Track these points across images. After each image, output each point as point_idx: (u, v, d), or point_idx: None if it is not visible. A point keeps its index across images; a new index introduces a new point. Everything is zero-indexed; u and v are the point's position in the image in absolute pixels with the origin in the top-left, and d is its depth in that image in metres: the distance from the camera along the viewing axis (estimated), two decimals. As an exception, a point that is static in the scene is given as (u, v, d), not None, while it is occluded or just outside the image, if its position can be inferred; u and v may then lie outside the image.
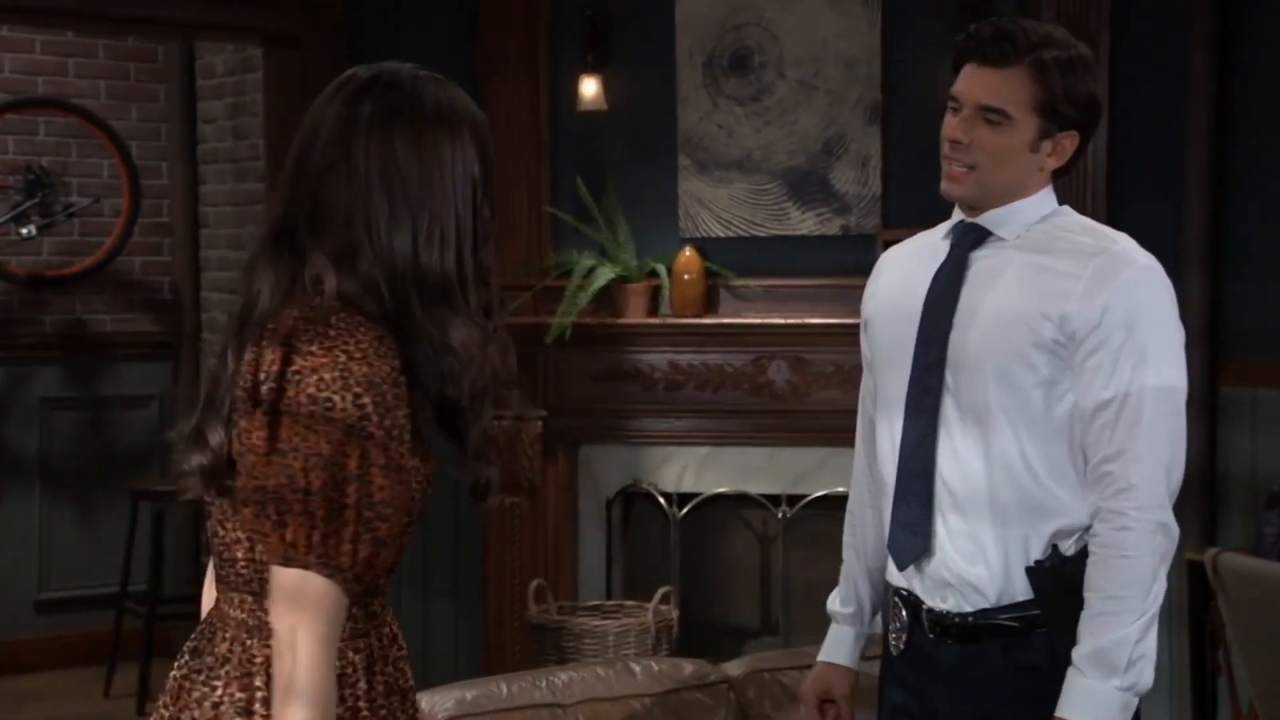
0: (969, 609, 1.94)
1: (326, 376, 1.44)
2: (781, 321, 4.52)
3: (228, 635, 1.54)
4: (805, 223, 4.59)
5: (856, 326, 4.44)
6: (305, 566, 1.44)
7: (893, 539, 2.00)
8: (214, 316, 5.64)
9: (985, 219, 2.00)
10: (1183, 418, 1.93)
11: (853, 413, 2.21)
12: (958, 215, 2.06)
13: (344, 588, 1.46)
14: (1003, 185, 1.97)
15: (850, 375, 4.45)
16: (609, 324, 4.60)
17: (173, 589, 5.46)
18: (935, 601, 1.97)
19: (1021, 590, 1.93)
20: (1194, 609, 3.79)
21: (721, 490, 4.68)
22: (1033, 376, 1.92)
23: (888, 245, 4.39)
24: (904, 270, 2.09)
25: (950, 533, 1.96)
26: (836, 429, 4.80)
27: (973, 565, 1.94)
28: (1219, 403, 4.13)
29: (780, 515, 4.63)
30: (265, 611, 1.50)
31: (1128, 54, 4.32)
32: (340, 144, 1.51)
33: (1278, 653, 3.32)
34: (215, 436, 1.51)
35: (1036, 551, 1.93)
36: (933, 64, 4.47)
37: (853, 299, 4.65)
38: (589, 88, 4.63)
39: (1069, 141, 1.98)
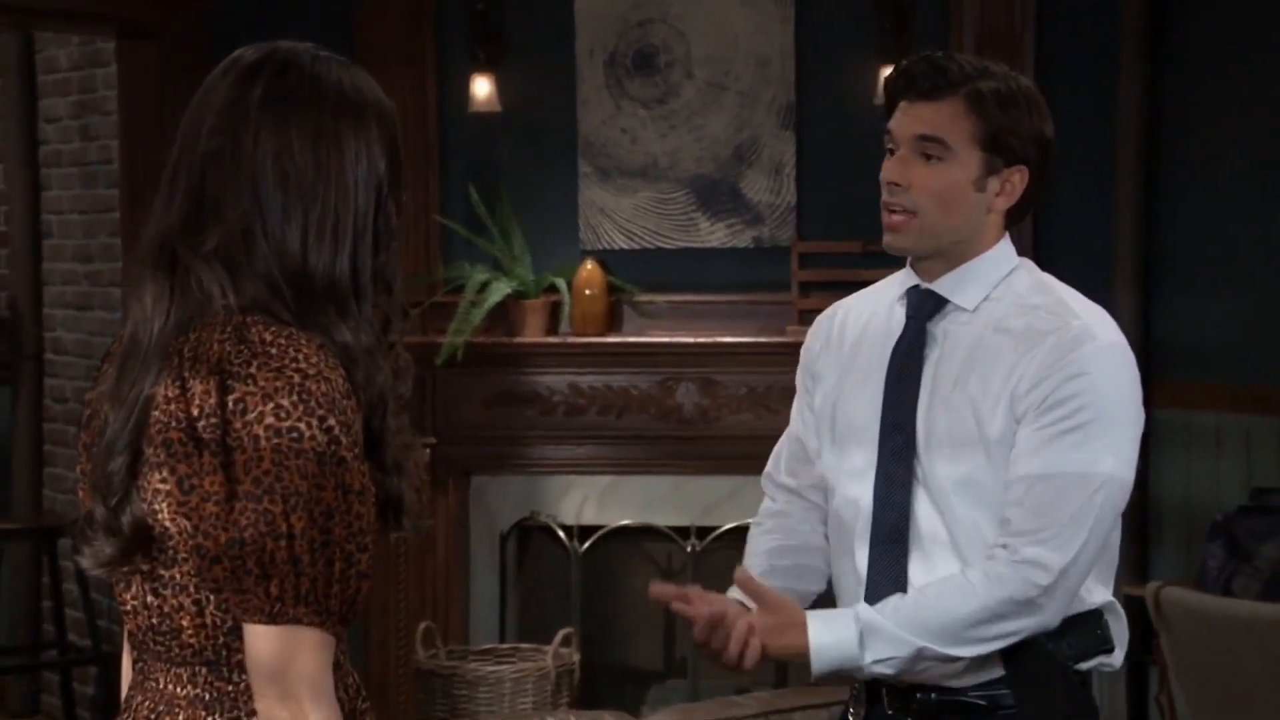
0: (933, 684, 1.96)
1: (284, 403, 1.39)
2: (690, 340, 4.53)
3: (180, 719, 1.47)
4: (715, 234, 4.61)
5: (771, 346, 4.53)
6: (296, 620, 1.39)
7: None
8: (59, 336, 5.53)
9: (942, 285, 2.00)
10: (1116, 515, 1.92)
11: (766, 438, 2.22)
12: (909, 274, 2.04)
13: (333, 633, 1.42)
14: (951, 232, 1.97)
15: (764, 398, 4.49)
16: (504, 344, 4.59)
17: (8, 638, 5.33)
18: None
19: (991, 665, 1.95)
20: (1133, 648, 3.84)
21: (626, 523, 4.68)
22: (999, 472, 1.93)
23: (802, 258, 4.56)
24: (860, 336, 2.07)
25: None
26: (749, 456, 4.78)
27: None
28: (1150, 426, 4.17)
29: (689, 549, 4.64)
30: (226, 681, 1.46)
31: (1054, 59, 4.40)
32: (227, 130, 1.47)
33: (1226, 694, 3.36)
34: (125, 505, 1.45)
35: None
36: (848, 62, 4.53)
37: (767, 315, 4.81)
38: (481, 87, 4.61)
39: (1018, 178, 1.98)
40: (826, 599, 2.12)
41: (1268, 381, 4.10)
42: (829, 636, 1.89)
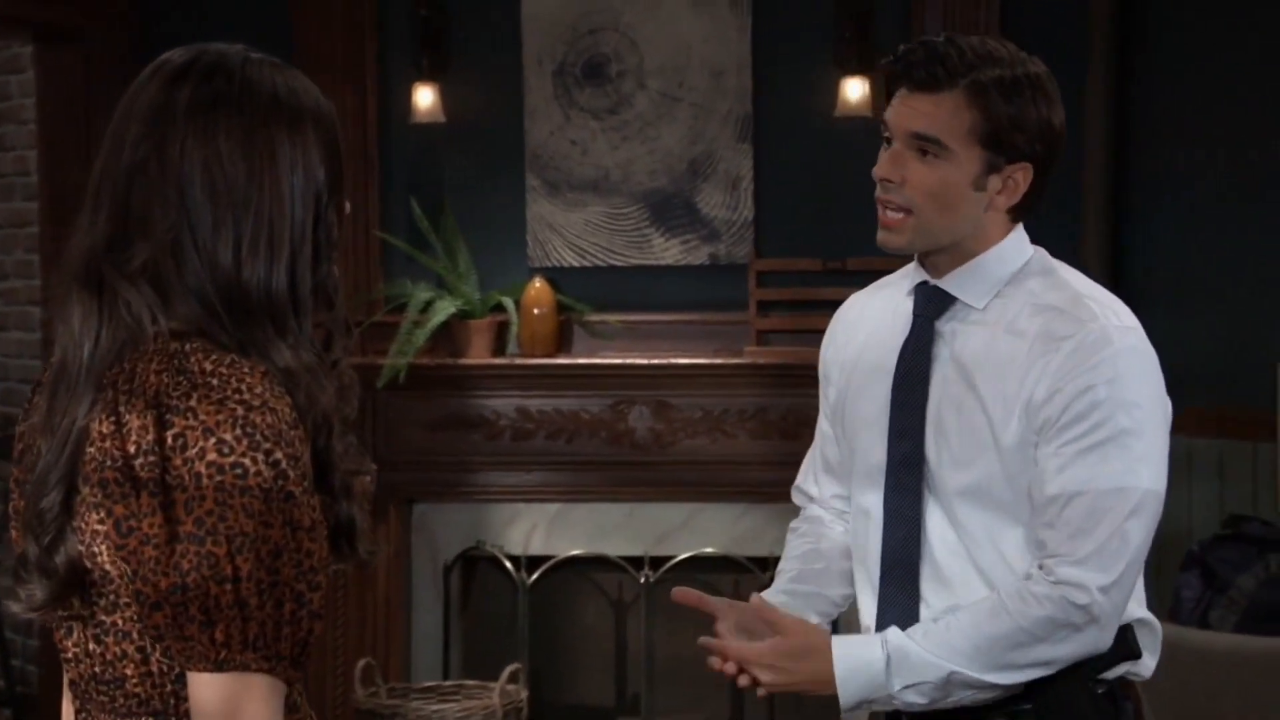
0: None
1: (227, 437, 1.36)
2: (643, 362, 4.53)
3: None
4: (669, 251, 4.62)
5: (727, 367, 4.53)
6: (244, 667, 1.37)
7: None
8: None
9: (950, 282, 1.98)
10: (1148, 527, 1.89)
11: (723, 463, 2.22)
12: (918, 268, 2.02)
13: (284, 678, 1.39)
14: (947, 232, 1.94)
15: (721, 422, 4.51)
16: (448, 365, 4.57)
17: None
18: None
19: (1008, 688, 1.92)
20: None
21: (576, 552, 4.67)
22: (1009, 483, 1.92)
23: (760, 276, 4.56)
24: (869, 334, 2.06)
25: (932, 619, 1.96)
26: (705, 482, 4.86)
27: None
28: (1119, 450, 4.20)
29: (642, 579, 4.63)
30: None
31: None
32: (152, 137, 1.44)
33: (1203, 731, 3.39)
34: (59, 545, 1.41)
35: None
36: (807, 72, 4.54)
37: (723, 335, 4.81)
38: (424, 97, 4.60)
39: (1021, 175, 1.94)
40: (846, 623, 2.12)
41: (1241, 403, 4.12)
42: (855, 661, 1.85)
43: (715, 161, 4.58)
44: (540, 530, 4.66)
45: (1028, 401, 1.90)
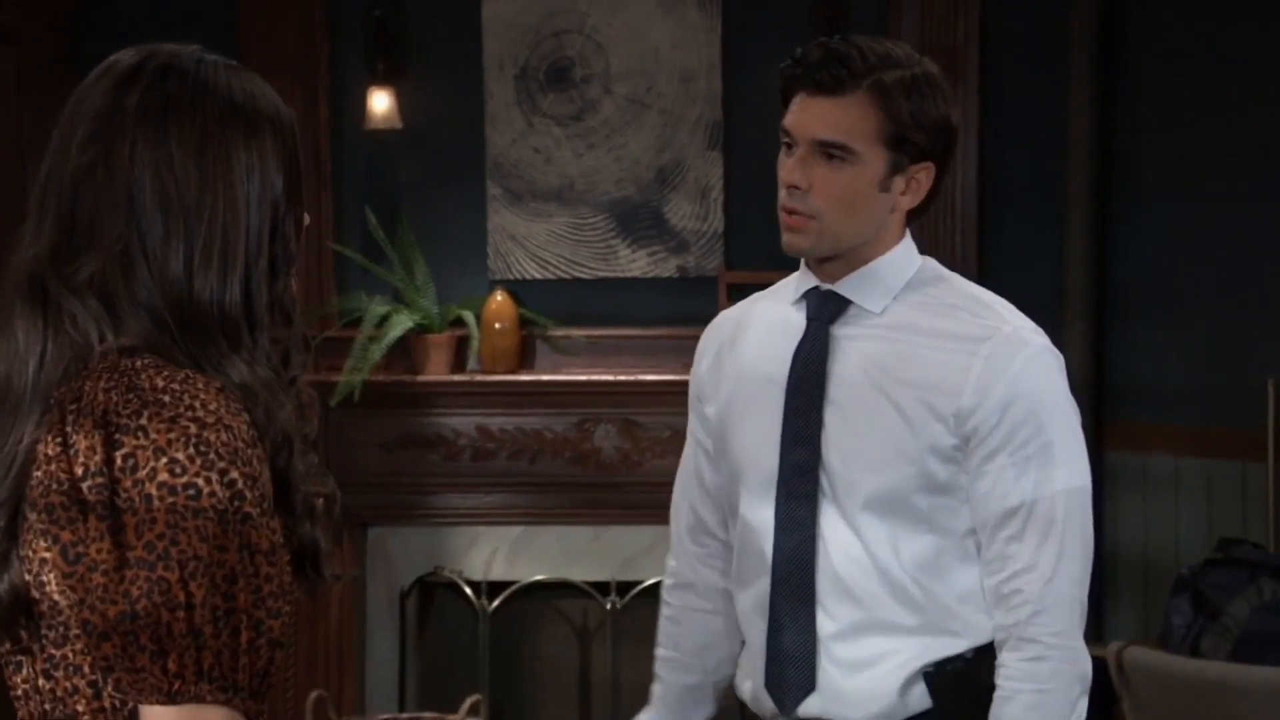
0: None
1: (180, 457, 1.35)
2: (610, 379, 4.53)
3: None
4: (636, 263, 4.62)
5: None
6: (198, 699, 1.35)
7: (771, 673, 2.02)
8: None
9: (844, 287, 2.00)
10: (1090, 519, 1.99)
11: None
12: (806, 275, 2.05)
13: (242, 710, 1.37)
14: (853, 236, 1.98)
15: None
16: (405, 382, 4.56)
17: None
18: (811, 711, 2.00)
19: (916, 702, 1.98)
20: (1093, 713, 3.84)
21: (539, 578, 4.66)
22: (926, 488, 1.96)
23: (731, 289, 4.57)
24: (755, 345, 2.07)
25: (834, 644, 2.00)
26: (674, 504, 4.84)
27: (859, 676, 1.99)
28: (1105, 470, 4.24)
29: (608, 606, 4.62)
30: None
31: (999, 74, 4.45)
32: (100, 141, 1.43)
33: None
34: (3, 572, 1.40)
35: (933, 656, 1.98)
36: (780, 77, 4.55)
37: (692, 351, 4.71)
38: (379, 102, 4.58)
39: (924, 175, 1.99)
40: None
41: (1230, 423, 4.14)
42: None
43: (684, 170, 4.59)
44: (501, 555, 4.65)
45: (956, 410, 1.94)
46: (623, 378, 4.52)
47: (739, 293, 4.48)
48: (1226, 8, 4.22)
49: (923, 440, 1.95)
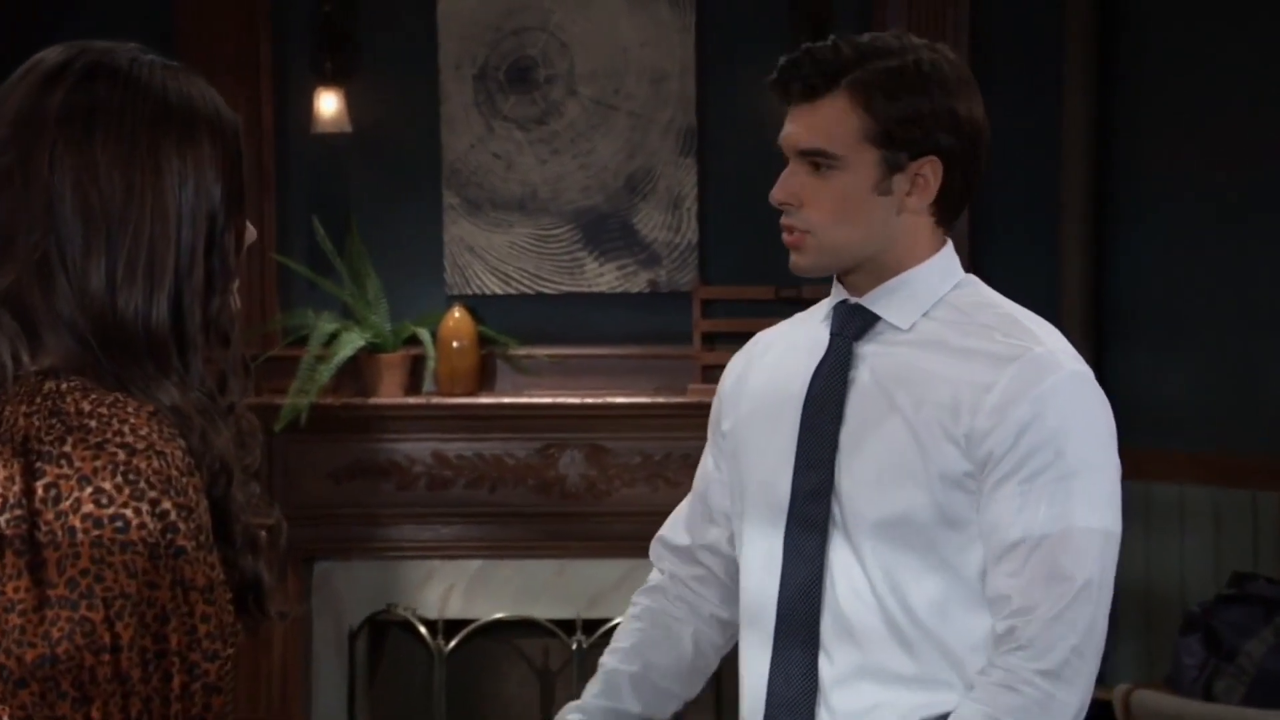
0: None
1: (106, 486, 1.34)
2: (575, 401, 4.53)
3: None
4: (604, 277, 4.61)
5: (669, 407, 4.52)
6: None
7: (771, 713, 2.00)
8: None
9: (872, 300, 1.99)
10: (1111, 569, 1.91)
11: (665, 515, 2.22)
12: (837, 288, 2.04)
13: None
14: (857, 245, 1.96)
15: (662, 468, 4.52)
16: (355, 405, 4.56)
17: None
18: None
19: None
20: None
21: (499, 616, 4.66)
22: (937, 520, 1.92)
23: (706, 305, 4.57)
24: (779, 360, 2.07)
25: (832, 691, 1.96)
26: (645, 536, 4.74)
27: None
28: (1104, 498, 4.21)
29: (573, 646, 4.61)
30: None
31: (989, 74, 4.43)
32: (18, 145, 1.43)
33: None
34: None
35: (930, 713, 1.93)
36: (759, 79, 4.52)
37: (665, 371, 4.83)
38: (328, 104, 4.58)
39: (930, 169, 1.95)
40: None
41: (1239, 447, 4.14)
42: None
43: (655, 177, 4.59)
44: (459, 591, 4.63)
45: (969, 431, 1.90)
46: (589, 400, 4.52)
47: (714, 309, 4.52)
48: (1229, 3, 4.23)
49: (933, 464, 1.91)
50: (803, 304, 1.93)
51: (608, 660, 2.16)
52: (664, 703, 2.15)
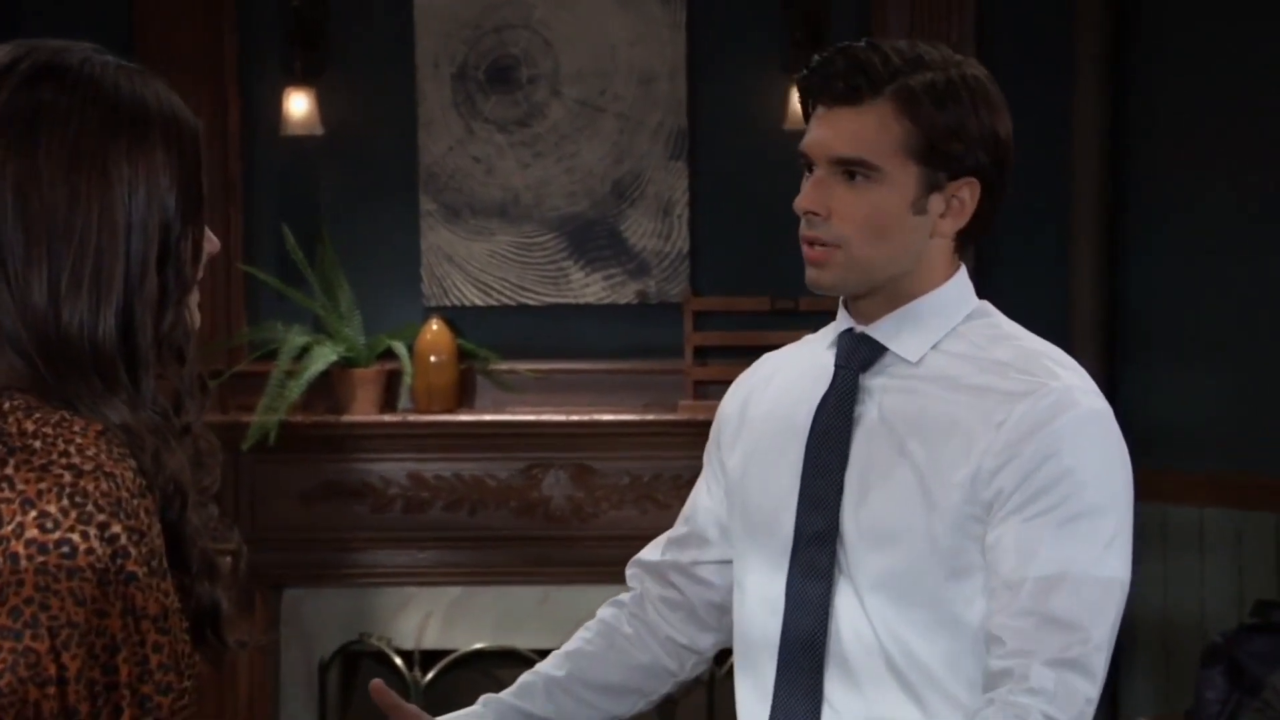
0: None
1: (52, 509, 1.34)
2: (560, 419, 4.52)
3: None
4: (590, 288, 4.60)
5: (659, 425, 4.51)
6: None
7: None
8: None
9: (880, 330, 1.96)
10: (1117, 622, 1.88)
11: (654, 538, 2.18)
12: (843, 314, 2.02)
13: None
14: (886, 265, 1.94)
15: (651, 489, 4.51)
16: (327, 423, 4.55)
17: None
18: None
19: None
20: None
21: (479, 646, 4.65)
22: (943, 571, 1.90)
23: (698, 317, 4.57)
24: (781, 390, 2.04)
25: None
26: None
27: None
28: (1118, 521, 4.20)
29: (558, 678, 4.56)
30: None
31: (996, 75, 4.36)
32: None
33: None
34: None
35: None
36: (752, 79, 4.56)
37: (654, 388, 4.84)
38: (297, 104, 4.58)
39: (967, 192, 1.94)
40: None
41: (1261, 469, 4.13)
42: None
43: (644, 183, 4.58)
44: (437, 620, 4.63)
45: (975, 472, 1.88)
46: (575, 418, 4.51)
47: (706, 321, 4.51)
48: (1249, 3, 4.22)
49: (937, 512, 1.89)
50: (800, 317, 1.91)
51: (540, 663, 2.17)
52: (582, 713, 2.13)
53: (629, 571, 2.19)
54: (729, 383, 5.16)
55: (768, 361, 2.11)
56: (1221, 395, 4.22)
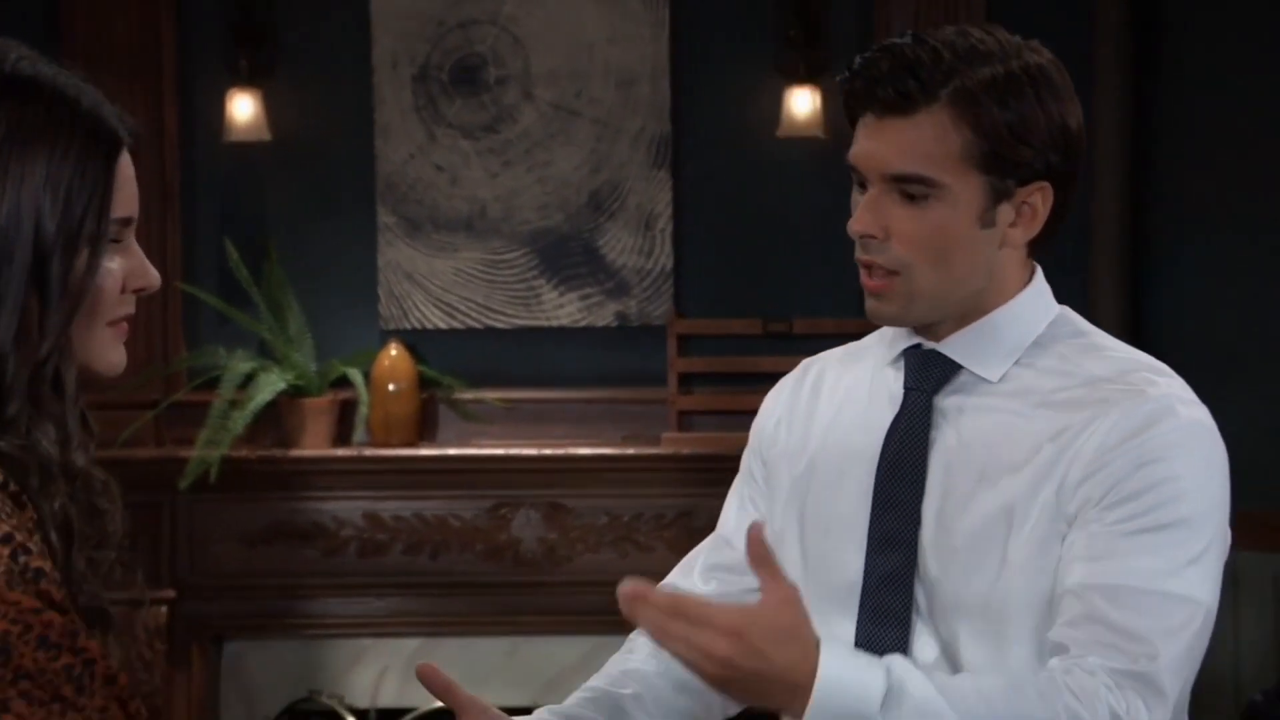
0: None
1: None
2: (532, 453, 4.50)
3: None
4: (565, 309, 4.58)
5: (640, 460, 4.44)
6: None
7: None
8: None
9: (953, 347, 1.92)
10: (1196, 648, 1.82)
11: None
12: (903, 330, 1.98)
13: None
14: (955, 287, 1.89)
15: (632, 530, 4.48)
16: (275, 458, 4.51)
17: None
18: None
19: None
20: None
21: (441, 704, 4.54)
22: (1036, 605, 1.85)
23: (682, 341, 4.52)
24: (838, 411, 2.00)
25: None
26: (610, 610, 4.71)
27: None
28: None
29: (530, 738, 4.51)
30: None
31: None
32: None
33: None
34: None
35: None
36: (742, 82, 4.51)
37: (634, 418, 4.80)
38: (242, 108, 4.57)
39: (1040, 197, 1.88)
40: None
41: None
42: (848, 673, 1.71)
43: (624, 194, 4.57)
44: (394, 675, 4.61)
45: (1060, 484, 1.84)
46: (548, 452, 4.49)
47: (691, 345, 4.46)
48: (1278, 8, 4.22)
49: (1030, 541, 1.84)
50: (793, 341, 1.87)
51: (595, 682, 2.11)
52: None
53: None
54: (716, 413, 5.08)
55: (811, 370, 2.07)
56: (1254, 425, 4.19)
